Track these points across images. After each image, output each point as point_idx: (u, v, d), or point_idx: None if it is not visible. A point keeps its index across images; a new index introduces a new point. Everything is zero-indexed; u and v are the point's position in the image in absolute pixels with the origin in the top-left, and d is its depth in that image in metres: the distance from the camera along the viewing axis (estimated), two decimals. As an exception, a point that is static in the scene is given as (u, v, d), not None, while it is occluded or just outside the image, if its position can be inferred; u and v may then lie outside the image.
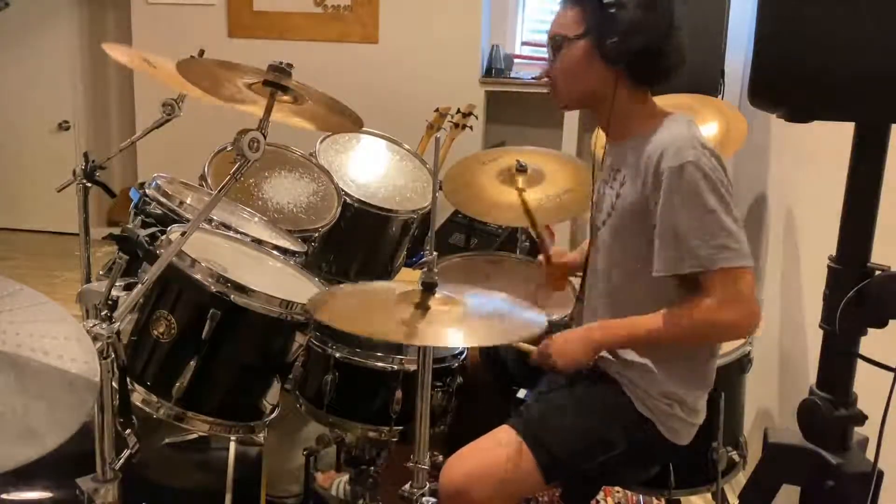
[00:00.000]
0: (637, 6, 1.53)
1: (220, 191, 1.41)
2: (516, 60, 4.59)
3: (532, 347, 1.72)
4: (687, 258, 1.50)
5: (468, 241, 3.89)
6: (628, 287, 1.64)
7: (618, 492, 2.50)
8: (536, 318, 1.46)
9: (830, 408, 1.24)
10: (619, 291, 1.66)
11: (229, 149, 2.17)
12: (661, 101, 1.69)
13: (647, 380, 1.62)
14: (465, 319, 1.45)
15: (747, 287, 1.50)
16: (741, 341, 1.94)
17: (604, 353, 1.66)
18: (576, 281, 2.01)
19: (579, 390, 1.67)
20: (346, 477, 2.16)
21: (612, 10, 1.53)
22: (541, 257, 2.07)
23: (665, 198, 1.51)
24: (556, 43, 1.64)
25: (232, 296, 1.57)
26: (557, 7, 1.67)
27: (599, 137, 2.61)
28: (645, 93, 1.64)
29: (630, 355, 1.64)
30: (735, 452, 1.90)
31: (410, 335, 1.37)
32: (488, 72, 4.52)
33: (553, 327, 1.79)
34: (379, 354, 1.87)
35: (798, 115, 1.19)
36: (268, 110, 1.43)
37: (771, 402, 2.43)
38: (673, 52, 1.58)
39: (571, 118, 4.19)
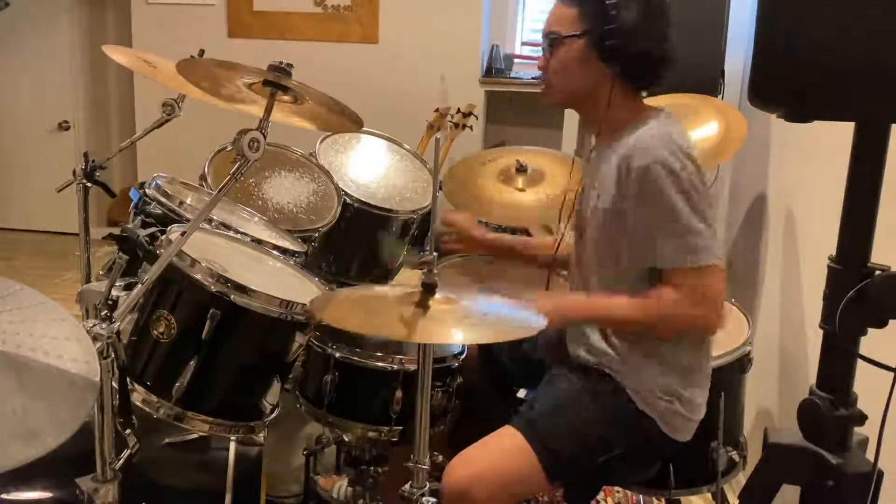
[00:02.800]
0: (638, 10, 1.54)
1: (220, 191, 1.41)
2: (516, 60, 4.59)
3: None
4: (651, 256, 1.54)
5: (468, 241, 3.88)
6: (611, 286, 1.65)
7: (618, 492, 2.50)
8: (535, 318, 1.47)
9: (830, 408, 1.24)
10: (601, 290, 1.67)
11: (229, 149, 2.17)
12: (662, 101, 1.70)
13: (647, 377, 1.62)
14: (465, 318, 1.45)
15: (713, 283, 1.53)
16: (741, 341, 1.94)
17: (602, 353, 1.67)
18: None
19: (581, 390, 1.67)
20: (346, 481, 2.16)
21: (614, 12, 1.53)
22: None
23: (635, 197, 1.54)
24: (553, 40, 1.64)
25: (232, 296, 1.57)
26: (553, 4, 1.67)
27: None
28: (635, 95, 1.65)
29: (629, 354, 1.64)
30: (735, 452, 1.89)
31: (411, 333, 1.37)
32: (488, 72, 4.53)
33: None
34: (379, 354, 1.87)
35: (798, 115, 1.19)
36: (268, 110, 1.43)
37: (771, 402, 2.43)
38: (668, 57, 1.60)
39: (571, 118, 4.19)
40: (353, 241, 2.47)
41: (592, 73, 1.61)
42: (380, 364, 1.86)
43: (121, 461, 1.35)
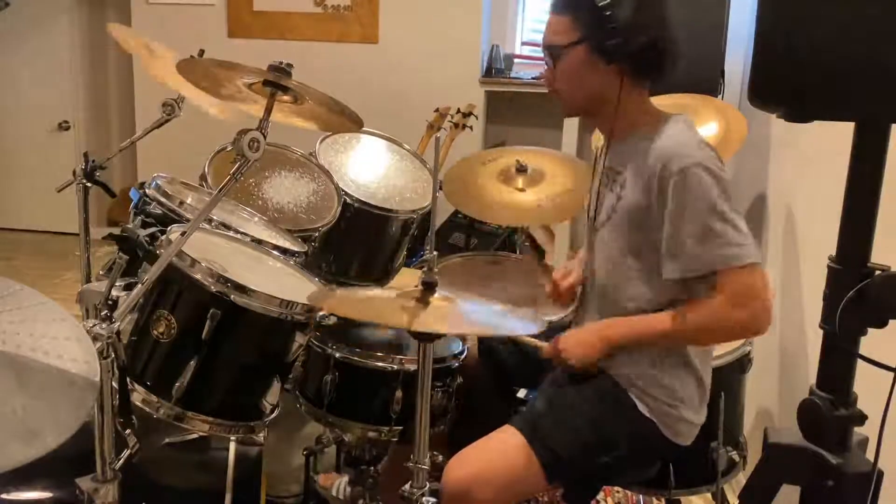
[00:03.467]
0: (631, 4, 1.53)
1: (220, 191, 1.41)
2: (516, 60, 4.59)
3: (542, 343, 1.72)
4: (695, 261, 1.51)
5: (468, 241, 3.89)
6: (624, 286, 1.64)
7: (618, 492, 2.50)
8: (533, 321, 1.47)
9: (830, 408, 1.24)
10: (615, 291, 1.67)
11: (229, 149, 2.17)
12: (661, 101, 1.70)
13: (650, 381, 1.62)
14: (466, 314, 1.45)
15: (757, 284, 1.50)
16: (741, 341, 1.94)
17: (605, 356, 1.67)
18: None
19: (582, 390, 1.67)
20: (346, 478, 2.16)
21: (608, 12, 1.53)
22: (548, 287, 1.95)
23: (673, 201, 1.51)
24: (554, 53, 1.63)
25: (232, 296, 1.57)
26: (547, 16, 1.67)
27: (599, 137, 2.61)
28: (645, 90, 1.64)
29: (631, 356, 1.64)
30: (735, 452, 1.89)
31: (411, 321, 1.36)
32: (488, 72, 4.52)
33: (552, 328, 1.80)
34: (379, 354, 1.87)
35: (798, 115, 1.19)
36: (268, 110, 1.44)
37: (771, 402, 2.43)
38: (670, 45, 1.59)
39: (571, 118, 4.19)
40: (353, 241, 2.47)
41: (600, 76, 1.60)
42: (380, 364, 1.86)
43: (121, 461, 1.35)
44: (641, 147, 1.58)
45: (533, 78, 4.37)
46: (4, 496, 1.62)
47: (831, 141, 1.71)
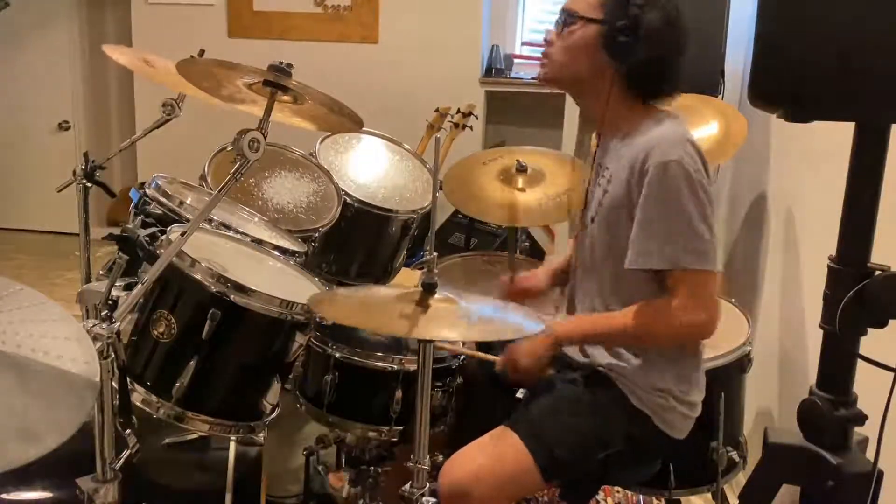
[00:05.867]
0: (658, 17, 1.52)
1: (220, 191, 1.41)
2: (516, 60, 4.60)
3: (494, 358, 1.73)
4: (655, 255, 1.52)
5: (468, 241, 3.89)
6: (616, 284, 1.65)
7: (618, 492, 2.50)
8: (534, 323, 1.47)
9: (830, 408, 1.24)
10: (608, 288, 1.67)
11: (229, 149, 2.17)
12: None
13: (641, 375, 1.62)
14: (465, 317, 1.45)
15: (709, 291, 1.51)
16: (741, 341, 1.94)
17: (600, 350, 1.67)
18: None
19: (576, 389, 1.67)
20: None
21: (636, 12, 1.53)
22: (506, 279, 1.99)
23: (646, 192, 1.52)
24: (568, 18, 1.62)
25: (232, 296, 1.57)
26: (558, 7, 1.66)
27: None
28: (635, 98, 1.64)
29: (623, 352, 1.64)
30: (735, 452, 1.89)
31: (411, 329, 1.36)
32: (488, 72, 4.53)
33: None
34: (379, 354, 1.87)
35: (798, 115, 1.19)
36: (268, 110, 1.44)
37: (771, 402, 2.43)
38: (675, 74, 1.58)
39: (571, 119, 4.19)
40: (353, 241, 2.47)
41: (594, 63, 1.59)
42: (380, 364, 1.86)
43: (121, 461, 1.35)
44: (629, 144, 1.59)
45: (533, 78, 4.37)
46: (4, 496, 1.62)
47: (831, 141, 1.71)
